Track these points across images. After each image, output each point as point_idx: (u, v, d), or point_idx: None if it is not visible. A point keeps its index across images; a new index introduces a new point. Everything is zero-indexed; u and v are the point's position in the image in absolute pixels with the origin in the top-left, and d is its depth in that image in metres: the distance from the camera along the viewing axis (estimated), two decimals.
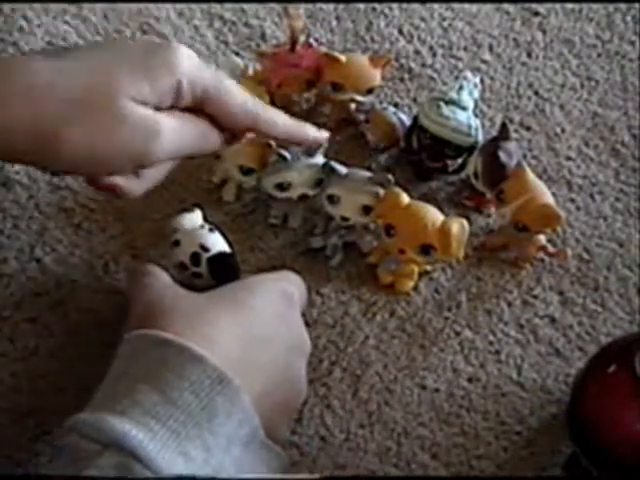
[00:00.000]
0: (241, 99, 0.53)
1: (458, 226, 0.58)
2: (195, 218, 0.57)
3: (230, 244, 0.57)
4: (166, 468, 0.43)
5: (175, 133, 0.50)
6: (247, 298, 0.52)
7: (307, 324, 0.60)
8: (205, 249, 0.55)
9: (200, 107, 0.52)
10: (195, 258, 0.55)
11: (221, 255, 0.55)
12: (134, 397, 0.45)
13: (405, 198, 0.59)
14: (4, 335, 0.57)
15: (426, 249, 0.58)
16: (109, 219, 0.63)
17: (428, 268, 0.62)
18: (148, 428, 0.43)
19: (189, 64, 0.51)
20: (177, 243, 0.56)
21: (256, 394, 0.48)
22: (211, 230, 0.56)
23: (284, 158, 0.61)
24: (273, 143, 0.62)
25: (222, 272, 0.55)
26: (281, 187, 0.62)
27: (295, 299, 0.55)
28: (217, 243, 0.56)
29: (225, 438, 0.46)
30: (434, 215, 0.59)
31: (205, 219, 0.57)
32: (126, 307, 0.58)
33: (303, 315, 0.56)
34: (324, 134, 0.58)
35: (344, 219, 0.61)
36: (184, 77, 0.50)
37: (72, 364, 0.56)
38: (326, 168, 0.61)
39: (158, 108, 0.50)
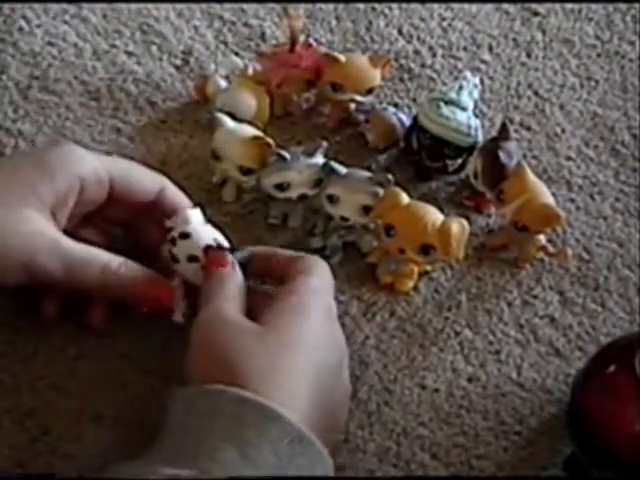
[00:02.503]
0: (143, 169, 0.58)
1: (458, 226, 0.58)
2: (199, 213, 0.57)
3: (231, 242, 0.56)
4: None
5: (77, 254, 0.53)
6: (305, 329, 0.50)
7: None
8: (217, 242, 0.55)
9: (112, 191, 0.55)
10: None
11: (230, 250, 0.55)
12: (214, 455, 0.43)
13: (405, 198, 0.59)
14: (4, 336, 0.57)
15: (426, 249, 0.58)
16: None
17: (428, 268, 0.62)
18: None
19: (86, 162, 0.55)
20: (186, 236, 0.55)
21: (316, 419, 0.48)
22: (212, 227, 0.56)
23: (283, 158, 0.61)
24: (272, 142, 0.62)
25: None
26: (281, 187, 0.62)
27: (334, 311, 0.54)
28: (223, 240, 0.56)
29: None
30: (434, 215, 0.59)
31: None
32: (126, 307, 0.59)
33: None
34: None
35: (344, 219, 0.61)
36: (85, 173, 0.54)
37: (72, 364, 0.56)
38: (326, 168, 0.61)
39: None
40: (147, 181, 0.57)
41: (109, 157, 0.60)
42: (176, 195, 0.58)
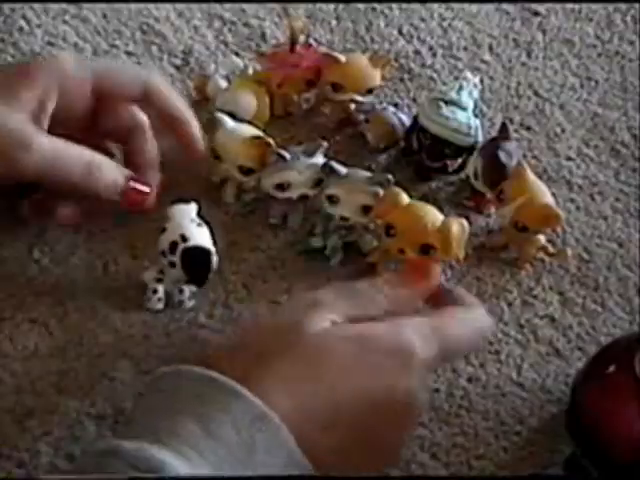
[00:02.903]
0: (126, 66, 0.61)
1: (458, 226, 0.58)
2: (188, 210, 0.57)
3: (216, 245, 0.56)
4: None
5: (50, 152, 0.54)
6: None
7: None
8: (184, 239, 0.55)
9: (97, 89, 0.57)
10: (173, 246, 0.55)
11: (197, 249, 0.55)
12: (174, 428, 0.43)
13: (405, 198, 0.59)
14: (4, 335, 0.57)
15: (426, 249, 0.58)
16: (109, 220, 0.63)
17: None
18: (187, 458, 0.41)
19: (66, 61, 0.56)
20: (163, 230, 0.56)
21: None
22: (199, 225, 0.56)
23: (284, 158, 0.61)
24: (272, 142, 0.62)
25: (193, 265, 0.55)
26: (281, 187, 0.62)
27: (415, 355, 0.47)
28: (199, 237, 0.56)
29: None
30: (434, 215, 0.59)
31: (200, 216, 0.57)
32: (125, 306, 0.59)
33: None
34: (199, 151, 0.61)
35: (344, 219, 0.61)
36: (65, 71, 0.56)
37: (72, 364, 0.56)
38: (326, 168, 0.61)
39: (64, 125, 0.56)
40: (130, 74, 0.59)
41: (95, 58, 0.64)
42: (160, 92, 0.59)
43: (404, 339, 0.47)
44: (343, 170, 0.61)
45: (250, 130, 0.63)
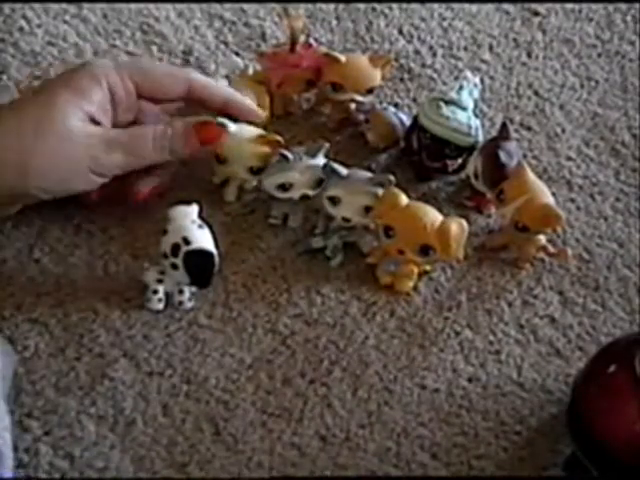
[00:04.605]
0: (167, 68, 0.65)
1: (457, 226, 0.58)
2: (189, 212, 0.57)
3: (218, 246, 0.56)
4: None
5: (125, 140, 0.58)
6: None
7: (307, 324, 0.60)
8: (187, 242, 0.55)
9: (141, 93, 0.60)
10: (175, 249, 0.55)
11: (200, 251, 0.55)
12: None
13: (404, 199, 0.59)
14: (5, 335, 0.57)
15: (425, 250, 0.58)
16: (109, 219, 0.63)
17: (428, 268, 0.62)
18: None
19: (106, 67, 0.59)
20: (165, 232, 0.56)
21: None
22: (200, 227, 0.56)
23: (286, 158, 0.61)
24: (281, 139, 0.62)
25: (195, 268, 0.55)
26: (283, 188, 0.62)
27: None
28: (201, 240, 0.56)
29: None
30: (433, 215, 0.59)
31: (201, 217, 0.57)
32: (125, 306, 0.59)
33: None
34: (260, 113, 0.64)
35: (345, 220, 0.61)
36: (106, 78, 0.58)
37: (72, 364, 0.57)
38: (326, 169, 0.61)
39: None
40: (170, 80, 0.62)
41: (132, 59, 0.68)
42: (204, 87, 0.62)
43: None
44: (344, 171, 0.61)
45: (254, 130, 0.63)
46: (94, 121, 0.58)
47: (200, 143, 0.60)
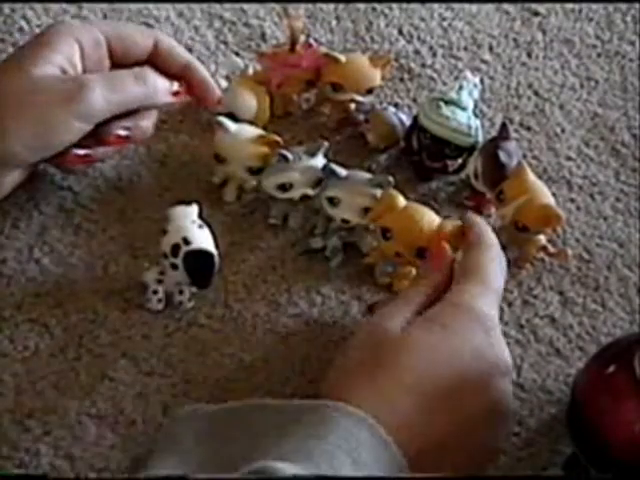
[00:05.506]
0: (135, 25, 0.65)
1: (453, 228, 0.57)
2: (189, 212, 0.57)
3: (218, 246, 0.56)
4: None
5: (105, 80, 0.58)
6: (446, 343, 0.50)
7: (307, 324, 0.60)
8: (187, 242, 0.55)
9: (110, 49, 0.60)
10: (175, 249, 0.55)
11: (200, 252, 0.55)
12: (332, 462, 0.43)
13: (402, 201, 0.59)
14: (4, 335, 0.57)
15: (422, 252, 0.58)
16: (109, 220, 0.63)
17: None
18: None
19: (73, 23, 0.60)
20: (165, 232, 0.56)
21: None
22: (201, 227, 0.56)
23: (286, 159, 0.61)
24: (280, 140, 0.62)
25: (195, 268, 0.55)
26: (283, 187, 0.62)
27: (489, 323, 0.52)
28: (201, 240, 0.56)
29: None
30: (430, 218, 0.58)
31: (201, 217, 0.57)
32: (125, 306, 0.59)
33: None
34: (217, 93, 0.64)
35: (345, 221, 0.61)
36: (73, 31, 0.59)
37: (72, 364, 0.56)
38: (326, 170, 0.61)
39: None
40: (139, 35, 0.62)
41: (102, 20, 0.69)
42: (170, 46, 0.62)
43: (468, 306, 0.51)
44: (343, 172, 0.61)
45: (253, 130, 0.63)
46: (65, 73, 0.58)
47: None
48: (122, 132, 0.60)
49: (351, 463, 0.43)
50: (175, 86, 0.62)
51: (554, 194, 0.64)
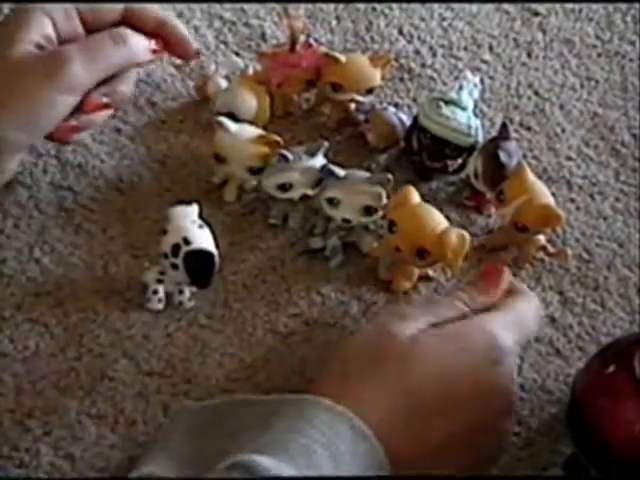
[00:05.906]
0: None
1: (458, 237, 0.57)
2: (189, 212, 0.57)
3: (218, 246, 0.56)
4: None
5: (85, 48, 0.57)
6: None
7: (307, 324, 0.60)
8: (187, 242, 0.55)
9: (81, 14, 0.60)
10: (175, 249, 0.55)
11: (200, 251, 0.55)
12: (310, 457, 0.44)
13: (416, 197, 0.59)
14: (4, 335, 0.57)
15: (421, 253, 0.58)
16: (109, 219, 0.63)
17: (430, 273, 0.62)
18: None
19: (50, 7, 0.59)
20: (165, 232, 0.56)
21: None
22: (201, 227, 0.56)
23: (286, 159, 0.61)
24: (280, 140, 0.62)
25: (196, 268, 0.55)
26: (283, 188, 0.62)
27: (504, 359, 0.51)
28: (202, 240, 0.56)
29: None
30: (437, 221, 0.58)
31: (201, 216, 0.57)
32: (125, 306, 0.59)
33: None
34: (194, 47, 0.64)
35: (345, 221, 0.61)
36: (42, 7, 0.58)
37: (72, 364, 0.57)
38: (324, 171, 0.61)
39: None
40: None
41: None
42: (142, 6, 0.61)
43: (491, 333, 0.51)
44: (341, 172, 0.61)
45: (254, 130, 0.63)
46: (42, 49, 0.57)
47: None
48: (101, 99, 0.60)
49: (329, 456, 0.44)
50: (152, 44, 0.61)
51: (554, 194, 0.64)
